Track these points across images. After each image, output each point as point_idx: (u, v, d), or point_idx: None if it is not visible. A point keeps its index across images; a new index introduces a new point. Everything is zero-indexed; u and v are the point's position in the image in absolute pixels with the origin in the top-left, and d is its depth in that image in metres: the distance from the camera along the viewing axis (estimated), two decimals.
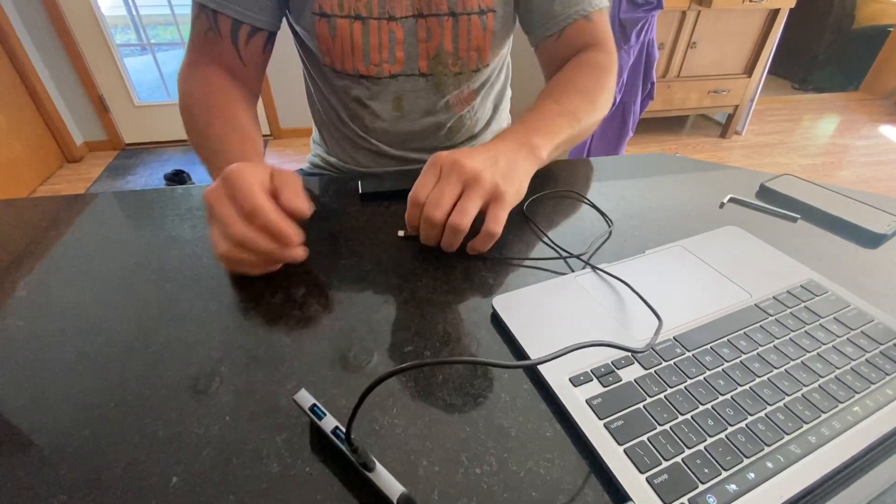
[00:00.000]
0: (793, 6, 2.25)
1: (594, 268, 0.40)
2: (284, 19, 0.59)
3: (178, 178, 2.15)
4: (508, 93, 0.77)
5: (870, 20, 3.78)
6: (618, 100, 1.70)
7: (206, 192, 0.37)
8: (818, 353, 0.33)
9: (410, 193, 0.41)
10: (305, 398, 0.27)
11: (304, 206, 0.38)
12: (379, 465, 0.25)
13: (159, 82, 2.52)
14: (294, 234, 0.37)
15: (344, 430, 0.25)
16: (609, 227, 0.47)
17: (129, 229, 0.47)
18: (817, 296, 0.38)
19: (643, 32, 1.58)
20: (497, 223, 0.40)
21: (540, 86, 0.59)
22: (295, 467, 0.26)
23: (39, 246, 0.44)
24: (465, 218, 0.39)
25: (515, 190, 0.42)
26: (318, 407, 0.27)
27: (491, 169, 0.40)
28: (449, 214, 0.39)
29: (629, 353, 0.32)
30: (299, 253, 0.38)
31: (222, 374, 0.32)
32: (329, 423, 0.26)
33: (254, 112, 0.56)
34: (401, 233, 0.45)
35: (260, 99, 2.47)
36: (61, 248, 0.44)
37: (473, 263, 0.42)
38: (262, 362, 0.32)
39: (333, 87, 0.63)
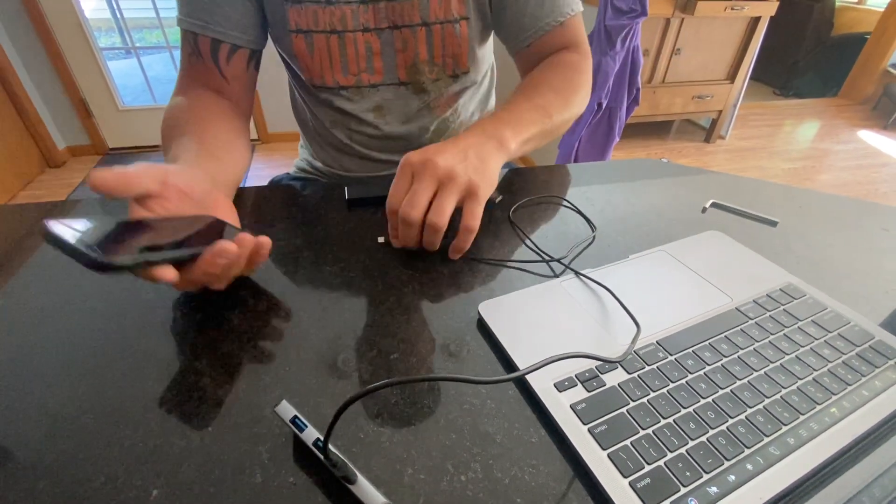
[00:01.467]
0: (773, 14, 2.31)
1: (577, 273, 0.41)
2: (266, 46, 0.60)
3: None
4: (493, 97, 0.77)
5: (847, 27, 3.89)
6: (604, 105, 1.72)
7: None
8: (796, 356, 0.33)
9: (387, 200, 0.41)
10: (286, 410, 0.27)
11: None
12: (361, 478, 0.24)
13: (144, 86, 2.49)
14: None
15: (325, 440, 0.25)
16: (592, 231, 0.48)
17: None
18: (796, 299, 0.39)
19: (628, 39, 1.60)
20: (474, 218, 0.40)
21: None
22: (278, 478, 0.26)
23: (17, 255, 0.43)
24: (442, 216, 0.39)
25: (488, 183, 0.42)
26: (299, 419, 0.27)
27: (462, 164, 0.41)
28: (426, 213, 0.39)
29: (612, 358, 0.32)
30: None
31: (204, 384, 0.31)
32: (310, 435, 0.26)
33: (236, 125, 0.55)
34: (381, 239, 0.45)
35: None
36: (39, 257, 0.43)
37: (459, 269, 0.42)
38: (245, 371, 0.32)
39: (317, 98, 0.63)
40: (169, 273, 0.30)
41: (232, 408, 0.30)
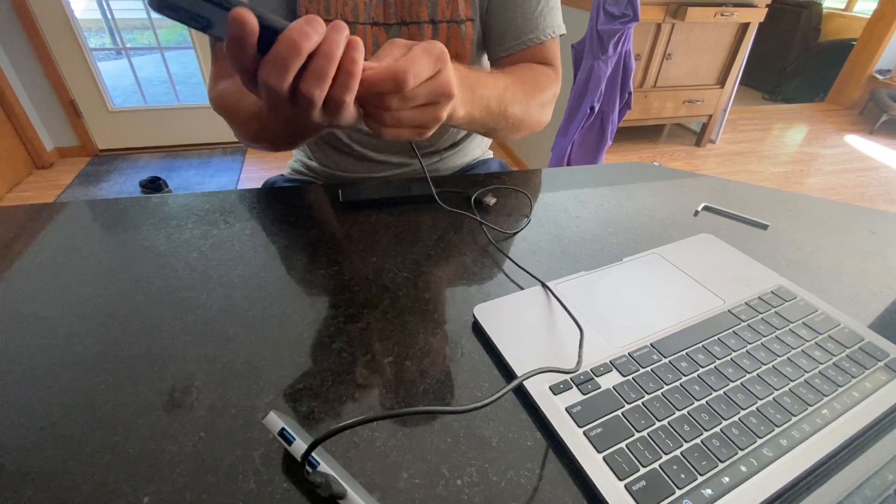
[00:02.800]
0: (762, 20, 2.34)
1: (544, 286, 0.41)
2: None
3: (154, 185, 2.10)
4: None
5: (835, 34, 3.96)
6: (596, 109, 1.73)
7: None
8: (788, 358, 0.34)
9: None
10: (274, 422, 0.26)
11: None
12: (350, 492, 0.24)
13: (135, 87, 2.46)
14: None
15: (314, 455, 0.24)
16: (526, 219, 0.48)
17: (100, 239, 0.45)
18: (787, 301, 0.39)
19: (620, 43, 1.61)
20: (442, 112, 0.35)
21: None
22: (272, 484, 0.26)
23: (4, 257, 0.42)
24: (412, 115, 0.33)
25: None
26: (286, 431, 0.25)
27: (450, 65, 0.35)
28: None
29: (607, 361, 0.33)
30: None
31: (197, 389, 0.31)
32: (299, 447, 0.25)
33: None
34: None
35: None
36: (27, 260, 0.42)
37: (454, 272, 0.42)
38: (238, 376, 0.32)
39: None
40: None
41: (225, 413, 0.29)
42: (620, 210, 0.53)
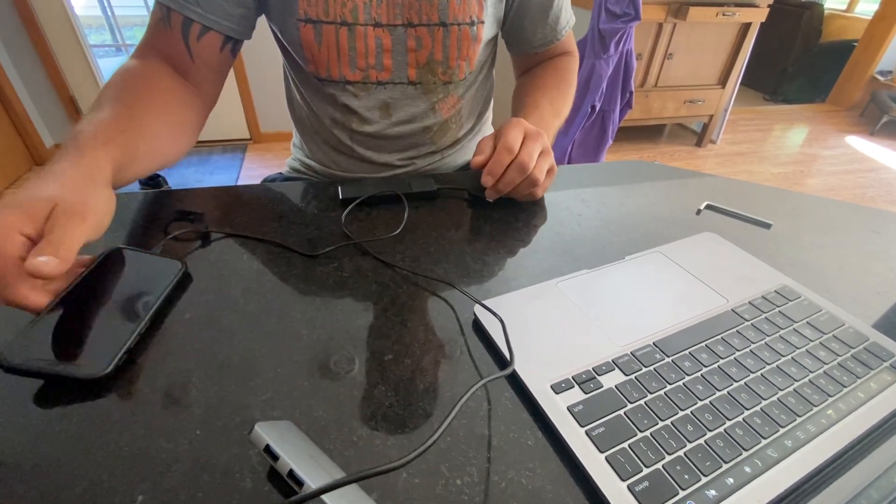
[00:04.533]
0: (763, 20, 2.34)
1: (476, 301, 0.41)
2: (268, 27, 0.58)
3: (153, 181, 2.09)
4: (492, 102, 0.77)
5: (836, 35, 3.95)
6: (597, 108, 1.73)
7: None
8: (792, 358, 0.33)
9: (503, 143, 0.47)
10: (259, 438, 0.24)
11: (47, 269, 0.28)
12: None
13: None
14: (32, 302, 0.30)
15: (299, 471, 0.23)
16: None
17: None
18: (791, 301, 0.39)
19: (622, 43, 1.61)
20: (542, 182, 0.49)
21: None
22: (268, 483, 0.25)
23: None
24: (544, 180, 0.49)
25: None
26: (271, 448, 0.24)
27: (550, 150, 0.50)
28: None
29: (609, 360, 0.32)
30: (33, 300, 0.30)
31: (193, 386, 0.30)
32: (284, 465, 0.23)
33: (184, 115, 0.50)
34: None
35: (240, 102, 2.41)
36: None
37: (454, 269, 0.42)
38: (235, 373, 0.31)
39: (320, 93, 0.62)
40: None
41: (221, 410, 0.29)
42: (622, 208, 0.53)
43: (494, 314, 0.34)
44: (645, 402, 0.29)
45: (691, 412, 0.29)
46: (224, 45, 0.53)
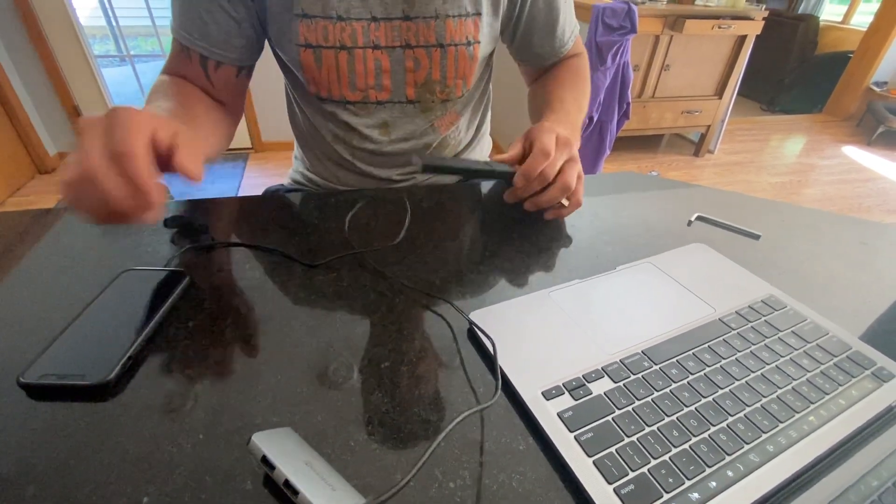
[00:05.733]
0: (759, 33, 2.37)
1: (472, 323, 0.42)
2: (269, 48, 0.60)
3: None
4: (489, 114, 0.79)
5: (832, 47, 4.00)
6: (595, 119, 1.75)
7: (83, 118, 0.33)
8: (776, 366, 0.34)
9: (539, 146, 0.46)
10: (256, 449, 0.25)
11: (198, 171, 0.35)
12: None
13: (138, 93, 2.49)
14: (155, 195, 0.32)
15: (295, 481, 0.23)
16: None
17: (100, 244, 0.46)
18: (777, 310, 0.40)
19: (618, 55, 1.64)
20: (582, 197, 0.50)
21: (517, 107, 0.61)
22: (269, 485, 0.26)
23: (4, 261, 0.43)
24: (570, 183, 0.48)
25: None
26: (267, 459, 0.25)
27: (575, 150, 0.50)
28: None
29: (599, 367, 0.33)
30: (151, 217, 0.33)
31: (196, 392, 0.31)
32: (280, 475, 0.24)
33: (219, 115, 0.56)
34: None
35: None
36: (30, 263, 0.43)
37: (450, 278, 0.43)
38: (236, 379, 0.32)
39: (320, 111, 0.64)
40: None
41: (223, 415, 0.30)
42: (615, 219, 0.54)
43: (487, 336, 0.35)
44: (632, 409, 0.31)
45: (677, 418, 0.30)
46: (239, 73, 0.58)
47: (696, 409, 0.31)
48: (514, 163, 0.49)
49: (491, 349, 0.34)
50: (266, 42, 0.60)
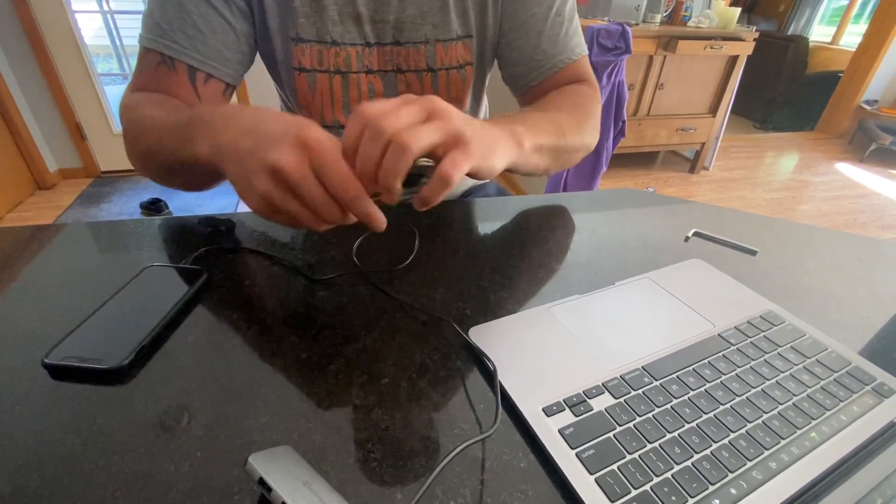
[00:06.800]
0: (750, 53, 2.42)
1: (475, 345, 0.42)
2: (266, 69, 0.60)
3: (154, 206, 2.11)
4: None
5: (822, 66, 4.09)
6: None
7: (278, 159, 0.30)
8: (777, 381, 0.34)
9: (359, 107, 0.33)
10: (253, 470, 0.25)
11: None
12: None
13: None
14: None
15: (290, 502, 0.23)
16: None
17: (97, 262, 0.46)
18: (776, 326, 0.40)
19: (613, 74, 1.67)
20: (455, 168, 0.32)
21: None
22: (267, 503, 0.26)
23: (2, 276, 0.43)
24: (416, 138, 0.30)
25: (483, 154, 0.35)
26: (265, 480, 0.24)
27: (466, 121, 0.35)
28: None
29: (599, 383, 0.33)
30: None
31: (194, 409, 0.31)
32: (276, 497, 0.24)
33: None
34: None
35: None
36: (26, 279, 0.43)
37: (450, 293, 0.43)
38: (234, 395, 0.32)
39: None
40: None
41: (221, 432, 0.30)
42: (613, 235, 0.55)
43: (487, 357, 0.35)
44: (633, 425, 0.30)
45: (678, 434, 0.30)
46: (225, 91, 0.54)
47: (697, 425, 0.31)
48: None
49: (491, 368, 0.34)
50: (255, 62, 0.58)
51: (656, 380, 0.34)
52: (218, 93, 0.53)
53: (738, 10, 2.40)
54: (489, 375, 0.34)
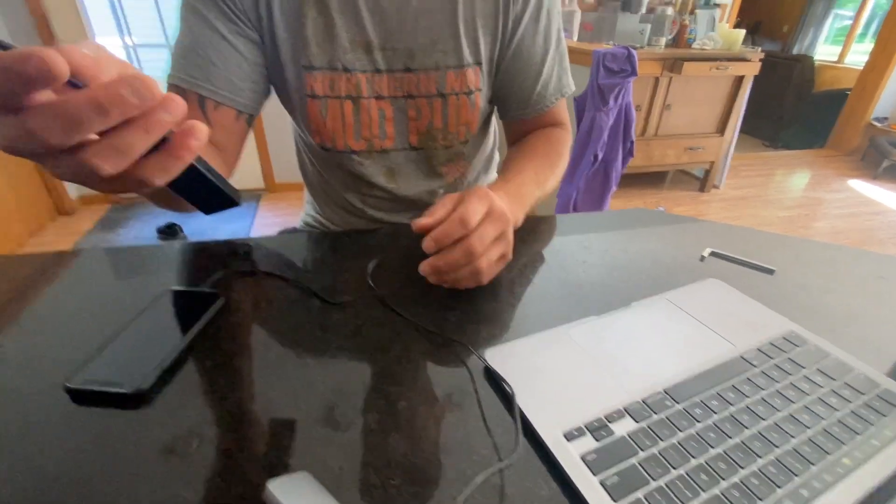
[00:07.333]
0: (756, 73, 2.44)
1: (493, 370, 0.41)
2: (277, 98, 0.62)
3: (170, 230, 2.16)
4: (496, 157, 0.80)
5: (829, 85, 4.10)
6: (600, 157, 1.78)
7: None
8: (804, 405, 0.33)
9: (461, 213, 0.40)
10: (271, 497, 0.25)
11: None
12: None
13: None
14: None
15: None
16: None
17: (117, 286, 0.47)
18: (799, 347, 0.39)
19: (620, 96, 1.69)
20: (485, 275, 0.43)
21: None
22: None
23: (18, 303, 0.44)
24: (489, 276, 0.43)
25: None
26: None
27: (510, 234, 0.45)
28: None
29: (620, 407, 0.33)
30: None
31: (212, 433, 0.31)
32: None
33: (213, 153, 0.53)
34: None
35: (256, 153, 2.52)
36: (49, 304, 0.44)
37: (465, 315, 0.43)
38: (253, 420, 0.32)
39: (328, 161, 0.65)
40: None
41: (239, 457, 0.29)
42: (626, 255, 0.54)
43: (505, 382, 0.35)
44: (658, 451, 0.30)
45: (705, 461, 0.29)
46: (239, 116, 0.55)
47: (724, 451, 0.30)
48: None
49: (509, 392, 0.34)
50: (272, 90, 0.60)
51: (679, 403, 0.33)
52: (230, 118, 0.54)
53: (743, 31, 2.43)
54: (507, 399, 0.34)
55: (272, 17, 0.53)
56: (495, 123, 0.76)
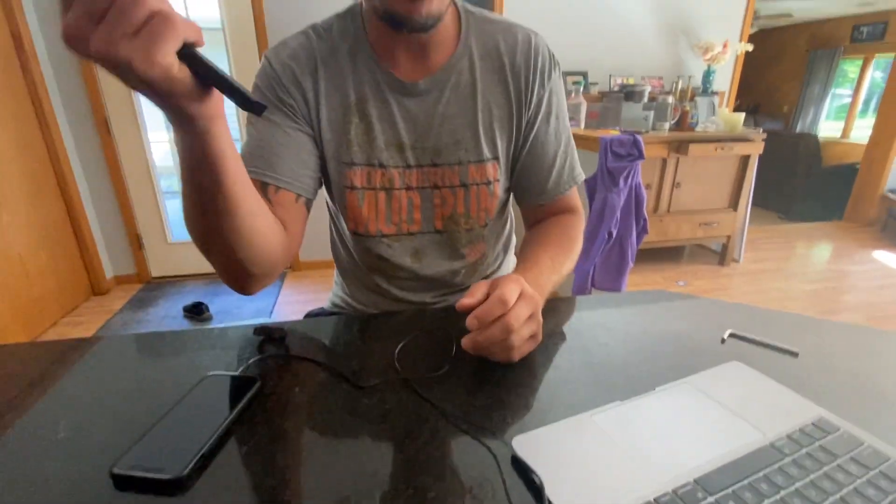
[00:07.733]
0: (761, 153, 2.54)
1: (520, 459, 0.42)
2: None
3: (196, 309, 2.22)
4: (514, 239, 0.86)
5: (836, 159, 4.20)
6: (614, 234, 1.83)
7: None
8: (841, 497, 0.33)
9: (500, 294, 0.46)
10: None
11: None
12: None
13: None
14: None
15: None
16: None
17: (159, 370, 0.50)
18: (830, 434, 0.39)
19: (630, 177, 1.77)
20: (516, 352, 0.48)
21: None
22: None
23: (36, 389, 0.46)
24: (520, 354, 0.48)
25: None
26: None
27: (539, 315, 0.50)
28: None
29: (651, 499, 0.32)
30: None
31: None
32: None
33: (274, 224, 0.56)
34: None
35: None
36: (56, 393, 0.46)
37: (490, 402, 0.44)
38: (280, 490, 0.33)
39: (359, 245, 0.71)
40: None
41: None
42: (646, 337, 0.55)
43: (533, 472, 0.35)
44: None
45: None
46: (298, 199, 0.62)
47: None
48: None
49: (538, 482, 0.34)
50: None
51: (711, 495, 0.33)
52: (290, 200, 0.61)
53: (743, 114, 2.57)
54: (536, 490, 0.34)
55: (320, 122, 0.63)
56: (511, 210, 0.82)
